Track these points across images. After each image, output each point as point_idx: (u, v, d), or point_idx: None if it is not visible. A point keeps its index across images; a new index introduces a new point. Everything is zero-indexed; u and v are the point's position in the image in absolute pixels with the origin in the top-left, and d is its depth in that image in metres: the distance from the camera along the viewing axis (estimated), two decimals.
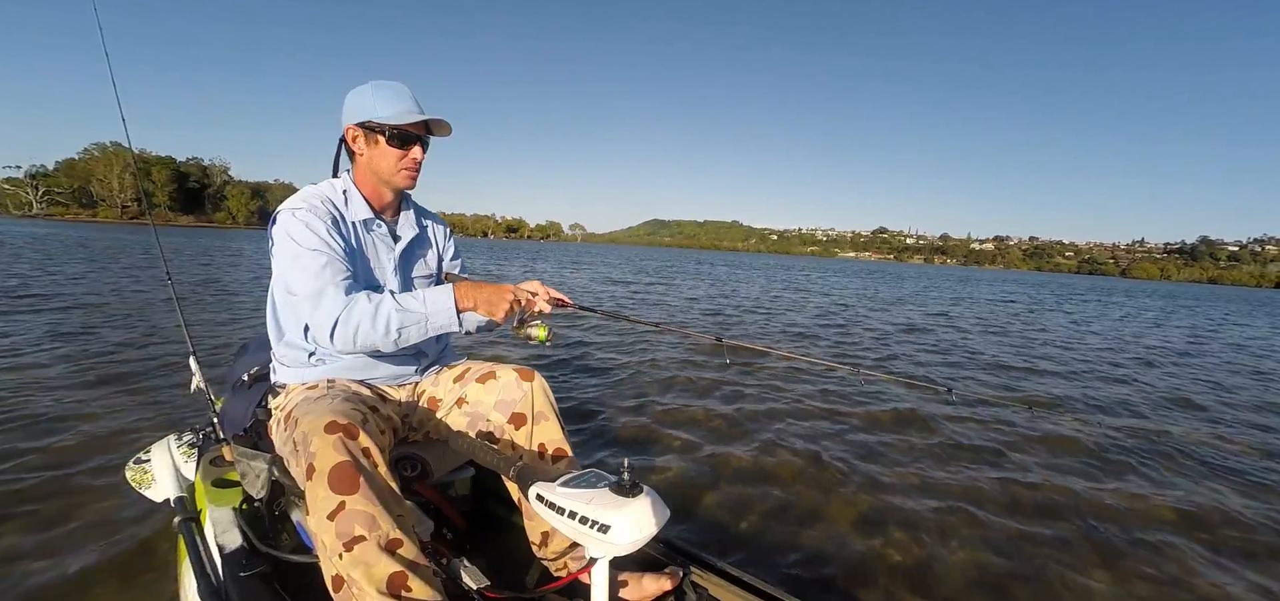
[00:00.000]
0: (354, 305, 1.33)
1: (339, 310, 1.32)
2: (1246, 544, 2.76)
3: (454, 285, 1.39)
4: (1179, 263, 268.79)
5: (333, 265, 1.37)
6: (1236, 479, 3.58)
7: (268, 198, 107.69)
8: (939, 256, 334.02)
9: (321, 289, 1.34)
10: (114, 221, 76.54)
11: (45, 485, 2.56)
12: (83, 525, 2.28)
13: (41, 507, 2.39)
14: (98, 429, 3.22)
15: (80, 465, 2.77)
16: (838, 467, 3.33)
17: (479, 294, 1.39)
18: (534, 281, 1.62)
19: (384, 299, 1.35)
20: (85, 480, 2.63)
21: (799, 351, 7.28)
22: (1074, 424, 4.63)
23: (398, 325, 1.33)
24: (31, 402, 3.54)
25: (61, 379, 4.08)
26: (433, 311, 1.35)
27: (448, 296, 1.37)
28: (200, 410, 2.88)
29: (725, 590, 1.41)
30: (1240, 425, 4.95)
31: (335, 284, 1.35)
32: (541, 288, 1.60)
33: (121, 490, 2.25)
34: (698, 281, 20.74)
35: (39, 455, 2.84)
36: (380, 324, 1.32)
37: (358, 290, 1.39)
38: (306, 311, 1.35)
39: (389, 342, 1.35)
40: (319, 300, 1.33)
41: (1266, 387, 6.89)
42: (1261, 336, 13.59)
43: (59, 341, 5.23)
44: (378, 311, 1.33)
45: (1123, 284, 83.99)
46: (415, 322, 1.35)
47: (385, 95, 1.45)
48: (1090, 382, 6.41)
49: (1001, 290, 29.62)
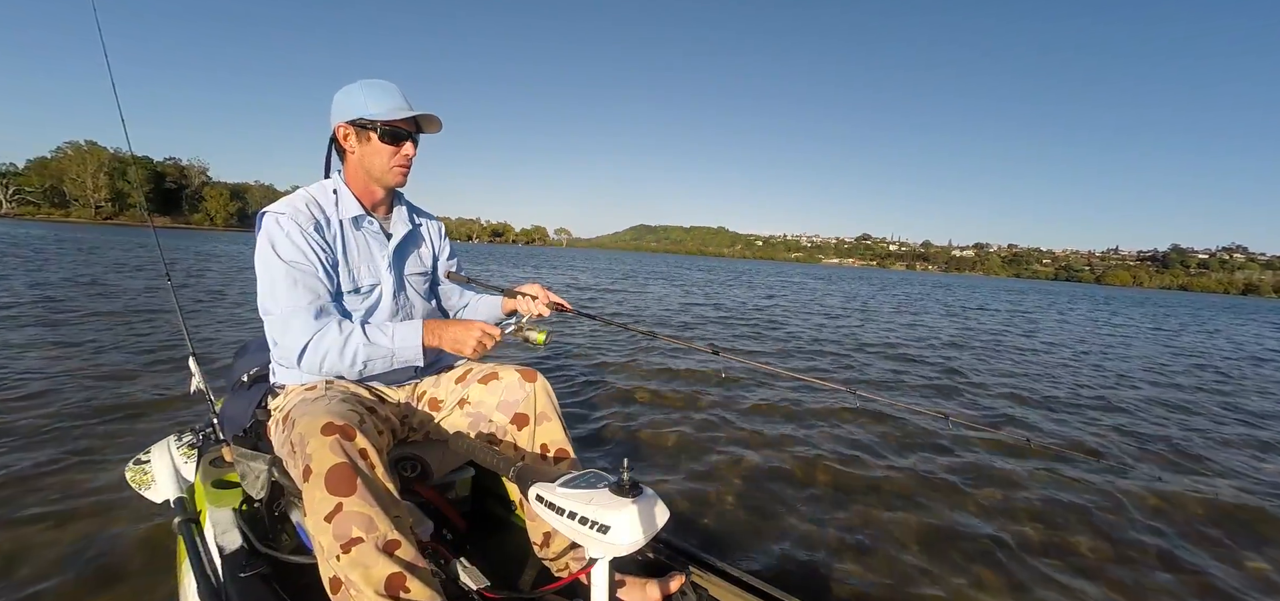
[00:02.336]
0: (324, 334, 1.33)
1: (307, 337, 1.32)
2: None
3: (424, 324, 1.40)
4: (1151, 270, 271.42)
5: (306, 282, 1.35)
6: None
7: (248, 199, 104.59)
8: (921, 263, 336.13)
9: (294, 308, 1.33)
10: (88, 221, 73.92)
11: (45, 486, 2.50)
12: (82, 526, 2.23)
13: (41, 508, 2.33)
14: (97, 429, 3.15)
15: (80, 466, 2.71)
16: (838, 470, 3.29)
17: (445, 332, 1.39)
18: (534, 284, 1.62)
19: (354, 332, 1.35)
20: (85, 481, 2.57)
21: (794, 369, 7.28)
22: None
23: (364, 358, 1.35)
24: (31, 403, 3.47)
25: (61, 379, 4.00)
26: (399, 347, 1.37)
27: (415, 334, 1.38)
28: (200, 411, 2.83)
29: (725, 590, 1.38)
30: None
31: (306, 305, 1.34)
32: (542, 291, 1.60)
33: (121, 491, 2.20)
34: (672, 288, 19.64)
35: (38, 455, 2.78)
36: (346, 356, 1.34)
37: (330, 308, 1.38)
38: (278, 331, 1.35)
39: (353, 373, 1.37)
40: (288, 324, 1.33)
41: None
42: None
43: (58, 341, 5.14)
44: (346, 344, 1.34)
45: (1103, 290, 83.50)
46: (382, 357, 1.36)
47: (376, 92, 1.43)
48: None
49: (1007, 300, 27.52)
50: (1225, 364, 9.27)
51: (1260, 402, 6.22)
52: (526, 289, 1.62)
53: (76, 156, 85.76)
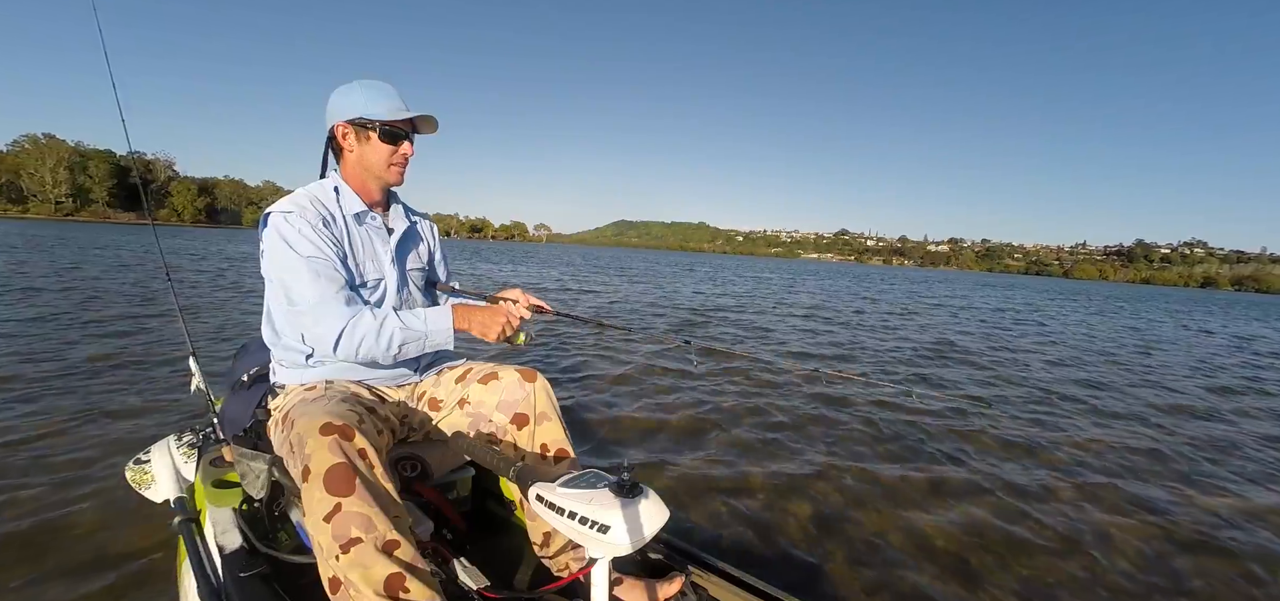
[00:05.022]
0: (359, 320, 1.32)
1: (343, 323, 1.31)
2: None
3: (453, 308, 1.43)
4: (1116, 264, 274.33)
5: (329, 273, 1.34)
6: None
7: (216, 194, 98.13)
8: (897, 257, 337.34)
9: (323, 299, 1.31)
10: (48, 218, 67.66)
11: (44, 486, 2.44)
12: (82, 526, 2.17)
13: (41, 509, 2.27)
14: (97, 429, 3.08)
15: (79, 466, 2.64)
16: (837, 468, 3.24)
17: (474, 317, 1.43)
18: (515, 289, 1.66)
19: (389, 316, 1.36)
20: (85, 481, 2.50)
21: (765, 351, 7.29)
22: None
23: (400, 342, 1.36)
24: (30, 403, 3.39)
25: (60, 379, 3.91)
26: (432, 330, 1.39)
27: (446, 318, 1.40)
28: (200, 410, 2.77)
29: (725, 590, 1.36)
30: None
31: (335, 295, 1.33)
32: (521, 294, 1.63)
33: (121, 490, 2.14)
34: (635, 282, 18.93)
35: (38, 455, 2.71)
36: (383, 340, 1.34)
37: (355, 297, 1.38)
38: (309, 323, 1.32)
39: (388, 357, 1.37)
40: (321, 311, 1.31)
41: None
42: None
43: (57, 341, 5.03)
44: (382, 328, 1.34)
45: (1083, 286, 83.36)
46: (415, 340, 1.38)
47: (375, 93, 1.42)
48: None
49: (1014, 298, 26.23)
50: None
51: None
52: (507, 294, 1.65)
53: (35, 150, 77.97)
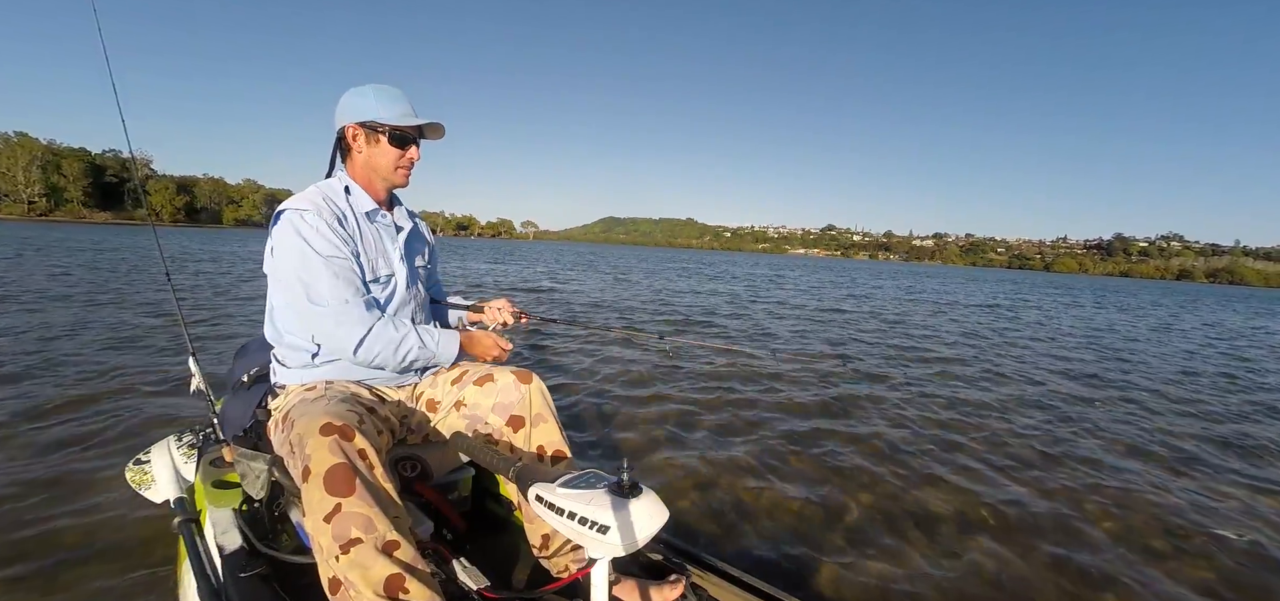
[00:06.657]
0: (381, 329, 1.36)
1: (365, 329, 1.33)
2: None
3: (461, 335, 1.52)
4: (1096, 258, 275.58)
5: (347, 274, 1.35)
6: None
7: (195, 193, 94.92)
8: (883, 253, 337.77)
9: (343, 302, 1.32)
10: (21, 219, 63.88)
11: (44, 487, 2.39)
12: (82, 526, 2.13)
13: (41, 509, 2.23)
14: (97, 429, 3.03)
15: (79, 466, 2.60)
16: (836, 466, 3.18)
17: (475, 345, 1.54)
18: (502, 299, 1.78)
19: (409, 333, 1.40)
20: (84, 481, 2.46)
21: (734, 344, 7.28)
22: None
23: (413, 359, 1.42)
24: (29, 404, 3.33)
25: (59, 379, 3.85)
26: (441, 352, 1.46)
27: (454, 343, 1.49)
28: (200, 411, 2.73)
29: (725, 590, 1.34)
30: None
31: (355, 297, 1.35)
32: (506, 303, 1.76)
33: (121, 491, 2.11)
34: (603, 278, 18.20)
35: (38, 456, 2.67)
36: (399, 353, 1.39)
37: (372, 301, 1.41)
38: (330, 324, 1.32)
39: (398, 367, 1.43)
40: (344, 314, 1.32)
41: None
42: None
43: (56, 341, 4.96)
44: (402, 343, 1.39)
45: (1068, 280, 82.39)
46: (426, 359, 1.45)
47: (386, 98, 1.44)
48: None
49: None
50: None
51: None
52: (493, 303, 1.78)
53: (6, 149, 74.44)
